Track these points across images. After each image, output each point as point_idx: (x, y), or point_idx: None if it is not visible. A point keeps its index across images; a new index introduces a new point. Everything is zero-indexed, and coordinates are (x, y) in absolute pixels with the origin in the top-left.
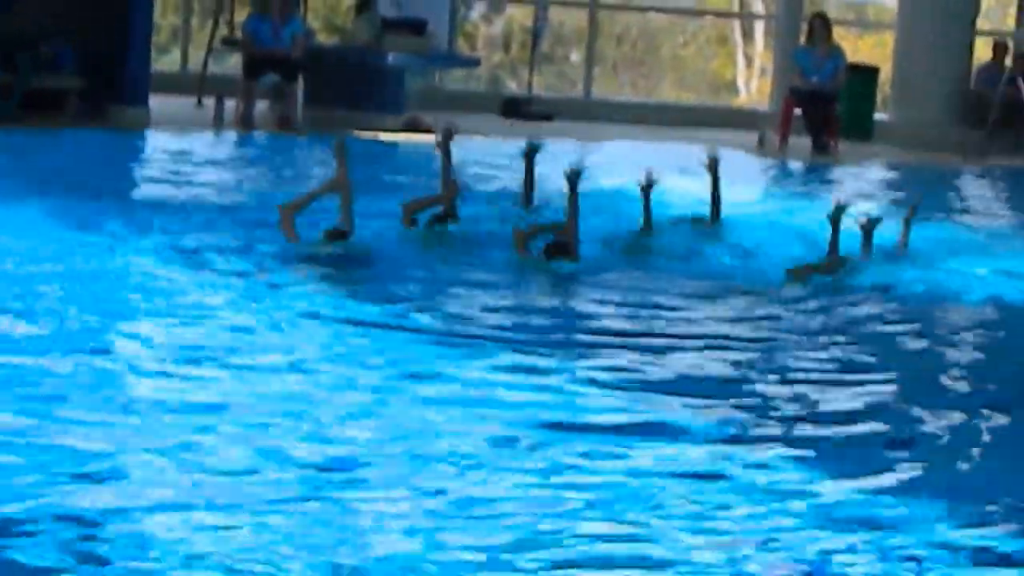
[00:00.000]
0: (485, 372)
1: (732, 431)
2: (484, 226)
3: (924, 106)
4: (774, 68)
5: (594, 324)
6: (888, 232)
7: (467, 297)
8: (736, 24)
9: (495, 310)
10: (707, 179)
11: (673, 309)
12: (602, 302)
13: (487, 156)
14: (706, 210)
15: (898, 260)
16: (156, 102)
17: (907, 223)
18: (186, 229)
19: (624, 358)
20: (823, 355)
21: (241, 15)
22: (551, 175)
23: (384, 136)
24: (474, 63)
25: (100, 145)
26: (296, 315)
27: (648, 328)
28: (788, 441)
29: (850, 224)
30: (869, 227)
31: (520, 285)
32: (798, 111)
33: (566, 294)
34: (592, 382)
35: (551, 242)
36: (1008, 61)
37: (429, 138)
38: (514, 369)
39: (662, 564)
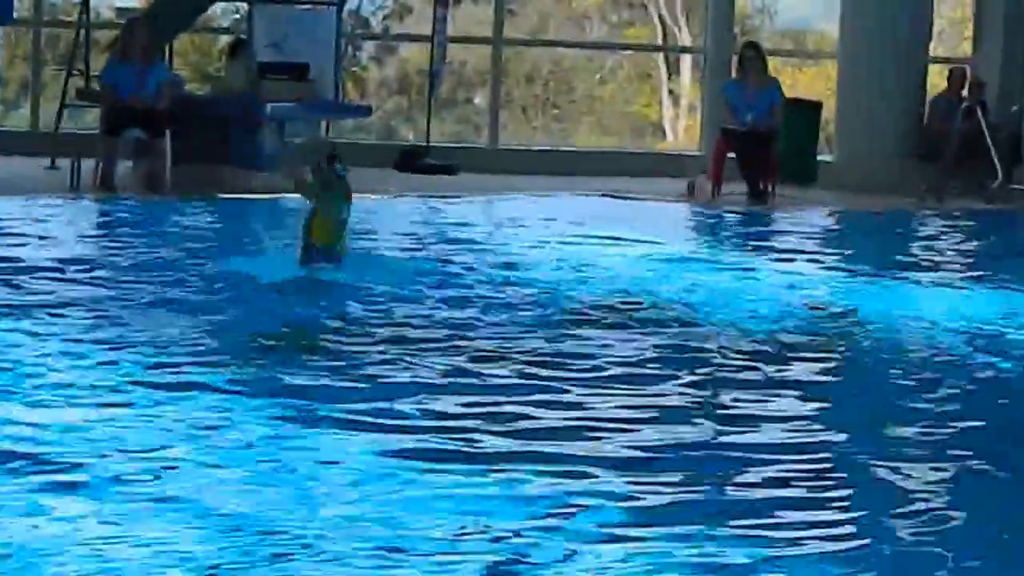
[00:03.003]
0: None
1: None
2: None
3: (873, 143)
4: (703, 106)
5: None
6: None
7: None
8: (660, 58)
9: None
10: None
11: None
12: None
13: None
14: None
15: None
16: (2, 164)
17: None
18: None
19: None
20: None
21: (98, 64)
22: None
23: (261, 196)
24: (364, 111)
25: None
26: None
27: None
28: None
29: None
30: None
31: None
32: (731, 154)
33: None
34: None
35: None
36: (965, 91)
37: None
38: None
39: None
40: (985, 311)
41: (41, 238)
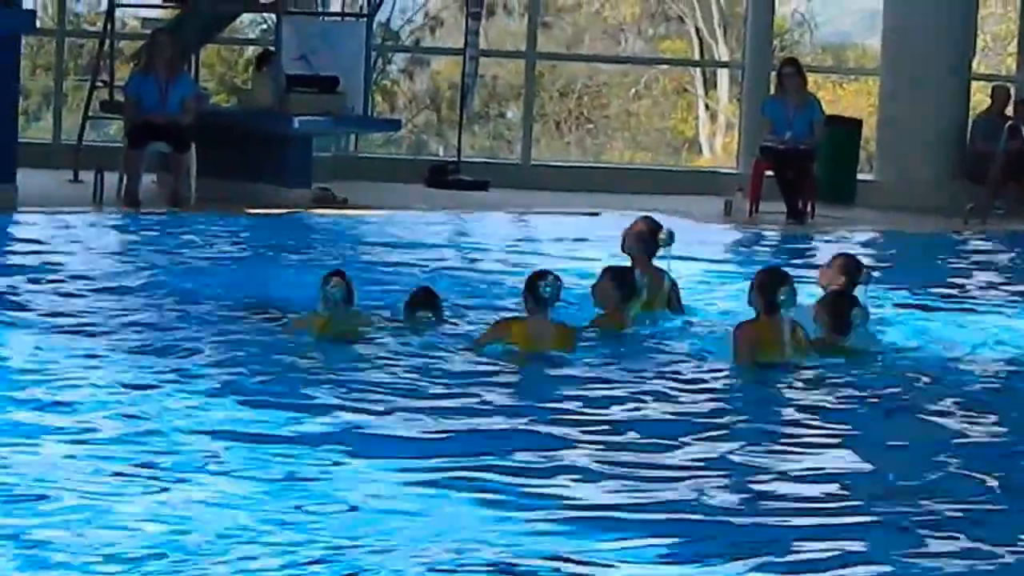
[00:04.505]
0: None
1: None
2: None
3: (914, 162)
4: (741, 123)
5: None
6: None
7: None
8: (697, 73)
9: None
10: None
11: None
12: None
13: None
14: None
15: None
16: (25, 177)
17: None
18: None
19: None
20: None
21: (122, 74)
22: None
23: (290, 212)
24: (394, 126)
25: None
26: None
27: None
28: None
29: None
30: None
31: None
32: (770, 172)
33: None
34: None
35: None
36: (1009, 109)
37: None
38: None
39: None
40: None
41: (67, 254)
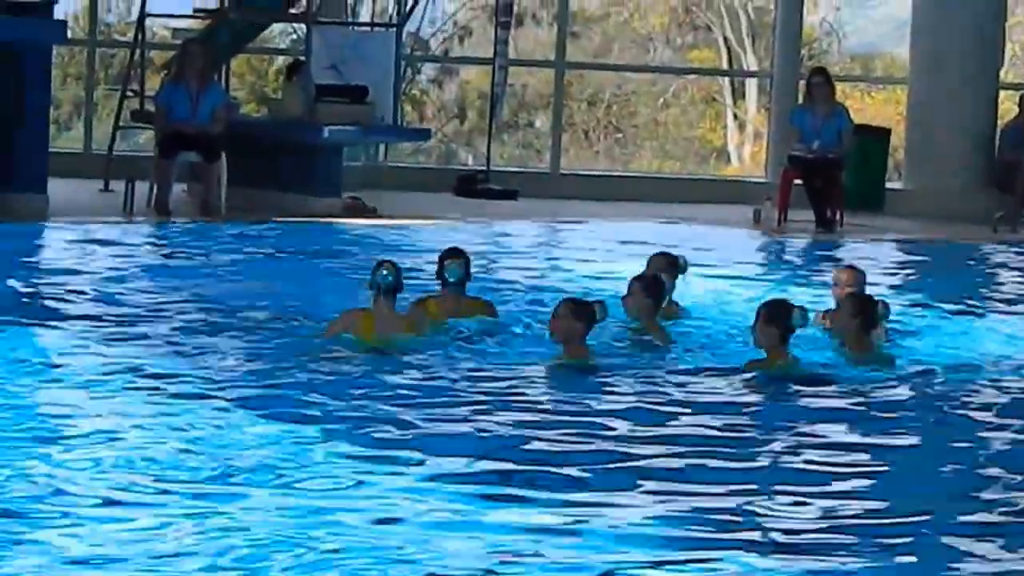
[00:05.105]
0: None
1: None
2: None
3: (944, 171)
4: (769, 132)
5: None
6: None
7: None
8: (725, 83)
9: None
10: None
11: None
12: None
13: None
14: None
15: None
16: (56, 187)
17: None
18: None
19: None
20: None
21: (153, 84)
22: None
23: (321, 221)
24: (423, 135)
25: None
26: None
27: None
28: None
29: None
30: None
31: None
32: (798, 181)
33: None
34: None
35: None
36: None
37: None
38: None
39: None
40: None
41: (97, 263)
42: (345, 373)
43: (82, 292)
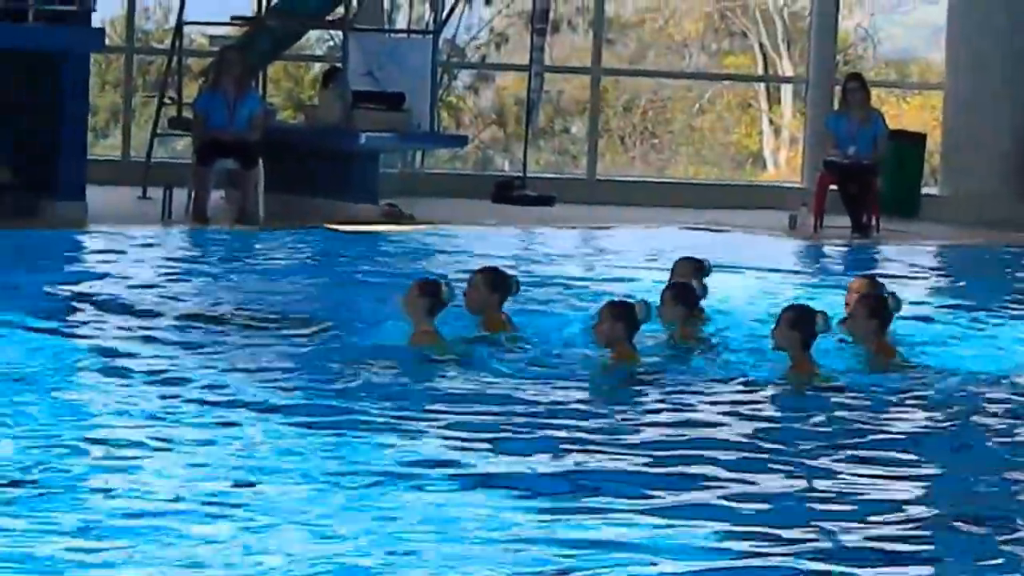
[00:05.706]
0: None
1: None
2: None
3: (980, 176)
4: (805, 138)
5: None
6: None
7: None
8: (760, 88)
9: None
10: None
11: None
12: None
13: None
14: None
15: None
16: (94, 194)
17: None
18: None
19: None
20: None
21: (190, 91)
22: None
23: (358, 228)
24: (460, 142)
25: (25, 249)
26: None
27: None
28: None
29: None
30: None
31: None
32: (834, 186)
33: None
34: None
35: None
36: None
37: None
38: None
39: None
40: None
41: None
42: (388, 379)
43: (119, 297)
